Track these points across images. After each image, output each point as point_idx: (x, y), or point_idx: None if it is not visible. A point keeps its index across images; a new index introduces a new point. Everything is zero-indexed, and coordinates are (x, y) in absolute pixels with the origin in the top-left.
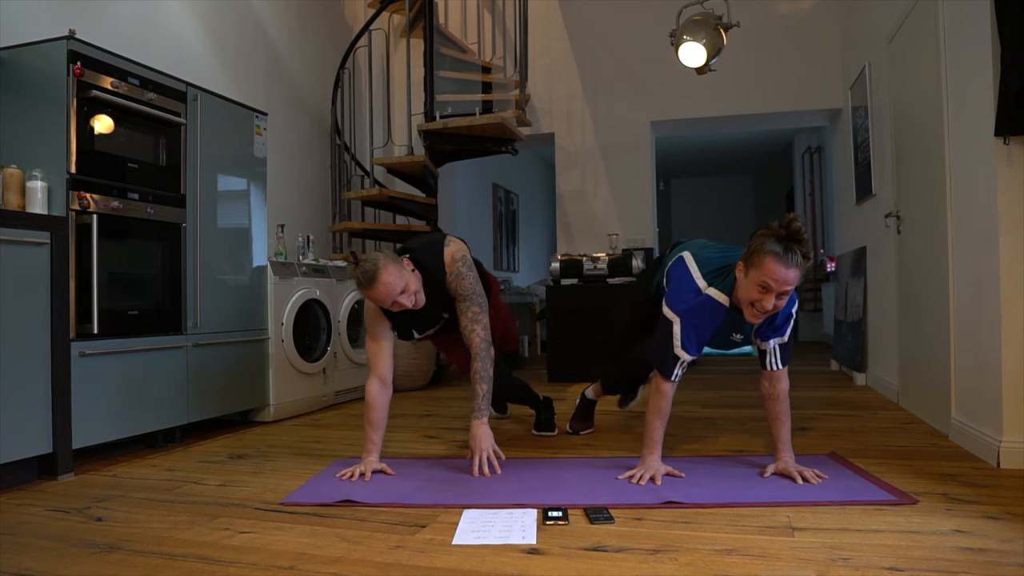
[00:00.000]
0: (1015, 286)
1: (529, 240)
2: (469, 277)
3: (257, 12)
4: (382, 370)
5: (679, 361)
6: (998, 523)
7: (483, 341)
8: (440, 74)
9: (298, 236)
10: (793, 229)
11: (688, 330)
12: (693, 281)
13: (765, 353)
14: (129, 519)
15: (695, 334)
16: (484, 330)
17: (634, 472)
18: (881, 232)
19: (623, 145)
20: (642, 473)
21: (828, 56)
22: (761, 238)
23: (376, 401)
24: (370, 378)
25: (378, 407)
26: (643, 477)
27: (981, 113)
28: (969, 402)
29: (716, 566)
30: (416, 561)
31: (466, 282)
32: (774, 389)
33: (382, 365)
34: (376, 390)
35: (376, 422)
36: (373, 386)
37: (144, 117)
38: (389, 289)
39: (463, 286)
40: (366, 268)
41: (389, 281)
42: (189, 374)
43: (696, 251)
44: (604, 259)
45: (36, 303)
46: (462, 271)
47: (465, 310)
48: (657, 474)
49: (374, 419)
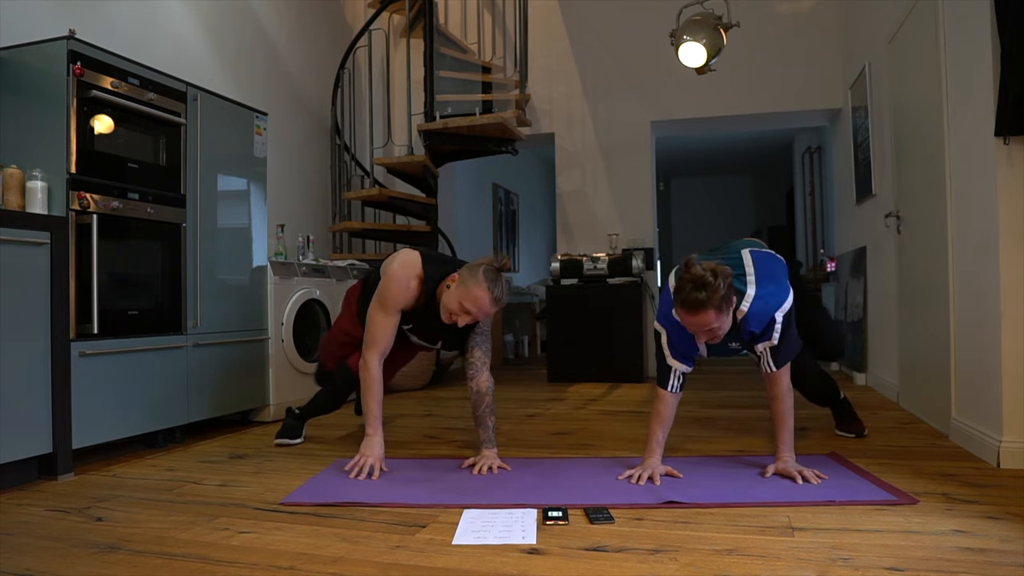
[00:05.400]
0: (1015, 286)
1: (529, 240)
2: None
3: (257, 12)
4: (385, 346)
5: (672, 370)
6: (998, 523)
7: (490, 377)
8: (440, 74)
9: (298, 236)
10: (691, 275)
11: (674, 340)
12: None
13: (760, 357)
14: (129, 519)
15: (681, 345)
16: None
17: (633, 472)
18: (881, 232)
19: (623, 145)
20: (640, 473)
21: (828, 56)
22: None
23: (379, 376)
24: (371, 352)
25: (380, 380)
26: (641, 477)
27: (981, 113)
28: (969, 402)
29: (716, 566)
30: (416, 561)
31: (489, 321)
32: (773, 390)
33: (386, 342)
34: (378, 364)
35: (379, 396)
36: (375, 359)
37: (144, 117)
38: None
39: (486, 323)
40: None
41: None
42: (189, 374)
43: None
44: (604, 259)
45: (36, 303)
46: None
47: (480, 343)
48: (655, 474)
49: (377, 392)
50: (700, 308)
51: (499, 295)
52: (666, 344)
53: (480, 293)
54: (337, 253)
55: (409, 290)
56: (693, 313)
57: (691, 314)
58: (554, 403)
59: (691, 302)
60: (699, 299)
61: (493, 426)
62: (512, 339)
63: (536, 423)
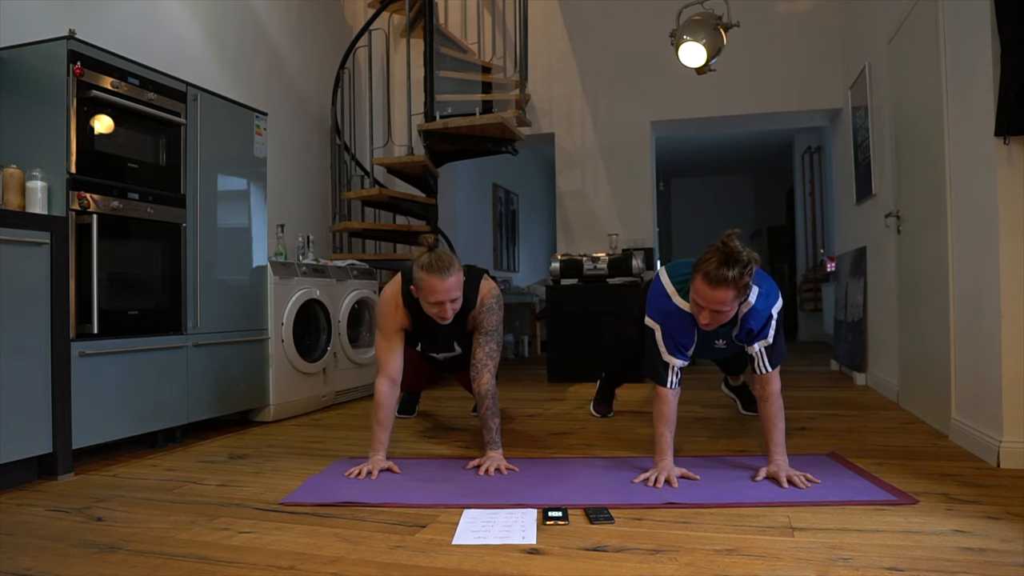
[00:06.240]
0: (1015, 286)
1: (529, 240)
2: (498, 314)
3: (257, 12)
4: (392, 370)
5: (669, 367)
6: (998, 523)
7: (492, 378)
8: (440, 74)
9: (298, 236)
10: (728, 249)
11: (668, 335)
12: (665, 290)
13: (753, 358)
14: (129, 519)
15: (675, 339)
16: (495, 367)
17: (648, 475)
18: (881, 232)
19: (623, 145)
20: (656, 475)
21: (828, 56)
22: (704, 254)
23: (386, 400)
24: (380, 377)
25: (387, 406)
26: (658, 480)
27: (981, 113)
28: (969, 402)
29: (716, 566)
30: (416, 561)
31: (494, 317)
32: (764, 391)
33: (393, 365)
34: (386, 389)
35: (384, 421)
36: (383, 385)
37: (144, 117)
38: (449, 287)
39: (490, 321)
40: (442, 256)
41: (454, 283)
42: (189, 374)
43: (671, 265)
44: (604, 259)
45: (36, 303)
46: (493, 307)
47: (484, 343)
48: (672, 476)
49: (382, 418)
50: (723, 284)
51: (445, 271)
52: (661, 339)
53: (431, 282)
54: (337, 253)
55: (397, 312)
56: (714, 287)
57: (712, 288)
58: (554, 403)
59: (717, 277)
60: (726, 276)
61: (497, 428)
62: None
63: (536, 423)
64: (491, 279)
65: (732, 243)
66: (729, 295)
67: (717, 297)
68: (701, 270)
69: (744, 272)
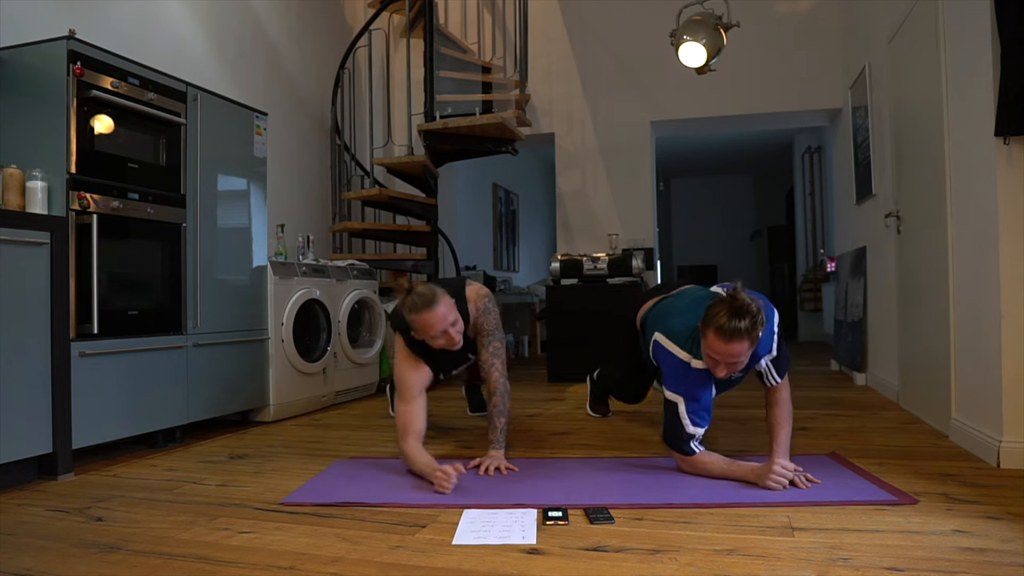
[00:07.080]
0: (1015, 286)
1: (529, 240)
2: (495, 313)
3: (257, 12)
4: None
5: (694, 438)
6: (998, 523)
7: (501, 376)
8: (440, 74)
9: (298, 236)
10: (736, 302)
11: (691, 405)
12: (678, 359)
13: (762, 374)
14: (129, 519)
15: (700, 405)
16: (503, 364)
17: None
18: (881, 232)
19: (623, 145)
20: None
21: (828, 56)
22: (711, 309)
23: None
24: (406, 439)
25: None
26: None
27: (981, 113)
28: (969, 402)
29: (716, 566)
30: (416, 561)
31: (492, 317)
32: (775, 397)
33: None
34: (408, 410)
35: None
36: (403, 406)
37: (144, 117)
38: (443, 317)
39: (489, 321)
40: (422, 292)
41: (445, 310)
42: (189, 374)
43: (663, 329)
44: (604, 259)
45: (36, 303)
46: (488, 306)
47: (487, 344)
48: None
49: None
50: (737, 337)
51: (432, 304)
52: (684, 413)
53: (423, 319)
54: (337, 253)
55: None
56: (728, 341)
57: (727, 342)
58: (554, 403)
59: (731, 331)
60: (739, 328)
61: (502, 427)
62: (512, 339)
63: (536, 423)
64: (472, 282)
65: (740, 295)
66: (744, 346)
67: (732, 351)
68: (712, 325)
69: (756, 322)
